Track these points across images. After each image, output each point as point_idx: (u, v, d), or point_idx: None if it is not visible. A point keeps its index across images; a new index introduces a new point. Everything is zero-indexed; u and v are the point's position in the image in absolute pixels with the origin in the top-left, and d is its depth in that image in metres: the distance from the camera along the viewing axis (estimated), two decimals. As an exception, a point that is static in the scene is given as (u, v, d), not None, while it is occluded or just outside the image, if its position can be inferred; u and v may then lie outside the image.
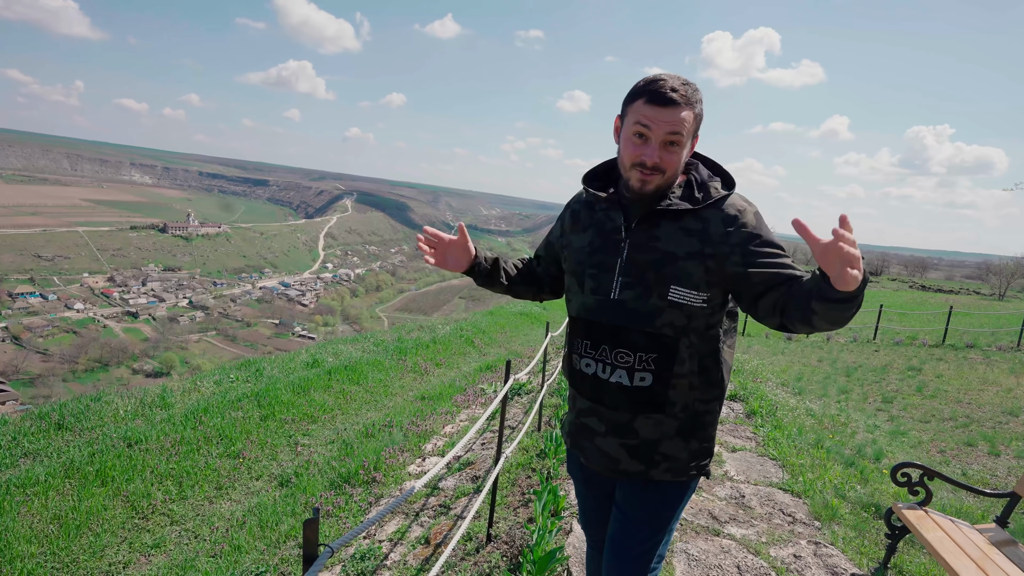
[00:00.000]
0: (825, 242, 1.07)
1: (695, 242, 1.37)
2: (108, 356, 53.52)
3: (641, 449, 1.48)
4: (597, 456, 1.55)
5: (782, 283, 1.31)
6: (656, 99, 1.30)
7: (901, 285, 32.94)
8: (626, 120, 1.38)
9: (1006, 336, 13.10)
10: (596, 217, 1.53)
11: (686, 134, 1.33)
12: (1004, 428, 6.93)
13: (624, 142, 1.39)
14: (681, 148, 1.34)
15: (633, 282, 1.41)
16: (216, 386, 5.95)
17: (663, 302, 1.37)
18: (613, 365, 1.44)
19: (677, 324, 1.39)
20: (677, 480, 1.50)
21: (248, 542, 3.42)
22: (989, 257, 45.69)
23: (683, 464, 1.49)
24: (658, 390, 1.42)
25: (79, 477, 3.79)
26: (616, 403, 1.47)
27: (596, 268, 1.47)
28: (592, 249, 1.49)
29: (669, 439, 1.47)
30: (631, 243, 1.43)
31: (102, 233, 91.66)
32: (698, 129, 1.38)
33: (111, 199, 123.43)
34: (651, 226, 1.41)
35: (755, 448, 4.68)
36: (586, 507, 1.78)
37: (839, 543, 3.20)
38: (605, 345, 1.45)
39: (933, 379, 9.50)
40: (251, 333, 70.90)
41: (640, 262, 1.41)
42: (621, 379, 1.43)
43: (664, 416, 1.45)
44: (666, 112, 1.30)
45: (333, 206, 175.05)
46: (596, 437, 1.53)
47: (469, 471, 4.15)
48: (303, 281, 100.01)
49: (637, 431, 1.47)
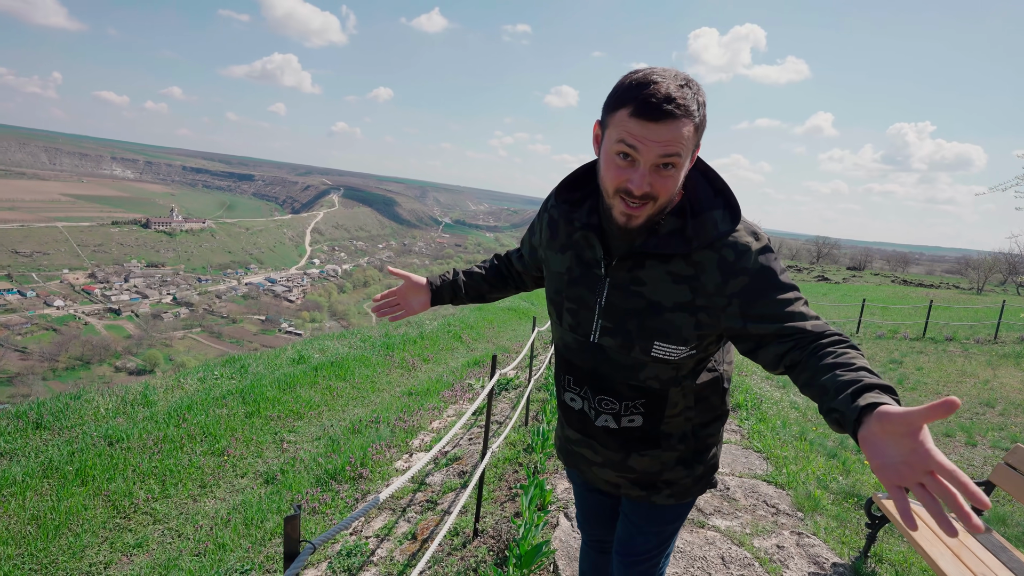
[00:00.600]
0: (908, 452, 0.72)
1: (685, 291, 1.14)
2: (90, 354, 52.71)
3: (643, 478, 1.40)
4: (598, 480, 1.49)
5: (788, 336, 1.07)
6: (645, 112, 0.99)
7: (884, 279, 33.43)
8: (608, 132, 1.06)
9: (984, 329, 13.36)
10: (575, 237, 1.29)
11: (684, 153, 1.03)
12: (981, 419, 7.07)
13: (605, 161, 1.08)
14: (677, 171, 1.05)
15: (614, 329, 1.22)
16: (200, 383, 5.89)
17: (646, 356, 1.20)
18: (598, 410, 1.33)
19: (664, 377, 1.24)
20: (682, 502, 1.44)
21: (233, 540, 3.39)
22: (968, 252, 46.54)
23: (687, 488, 1.41)
24: (651, 430, 1.32)
25: (58, 477, 3.73)
26: (606, 443, 1.37)
27: (575, 303, 1.28)
28: (571, 279, 1.29)
29: (670, 469, 1.38)
30: (611, 283, 1.21)
31: (82, 228, 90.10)
32: (700, 139, 1.08)
33: (91, 194, 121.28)
34: (635, 266, 1.18)
35: (740, 441, 4.73)
36: (586, 509, 1.73)
37: (821, 533, 3.25)
38: (587, 387, 1.32)
39: (914, 372, 9.67)
40: (237, 330, 70.20)
41: (621, 309, 1.20)
42: (608, 423, 1.33)
43: (661, 451, 1.35)
44: (658, 129, 0.99)
45: (320, 201, 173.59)
46: (593, 466, 1.45)
47: (456, 466, 4.14)
48: (289, 277, 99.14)
49: (633, 467, 1.38)
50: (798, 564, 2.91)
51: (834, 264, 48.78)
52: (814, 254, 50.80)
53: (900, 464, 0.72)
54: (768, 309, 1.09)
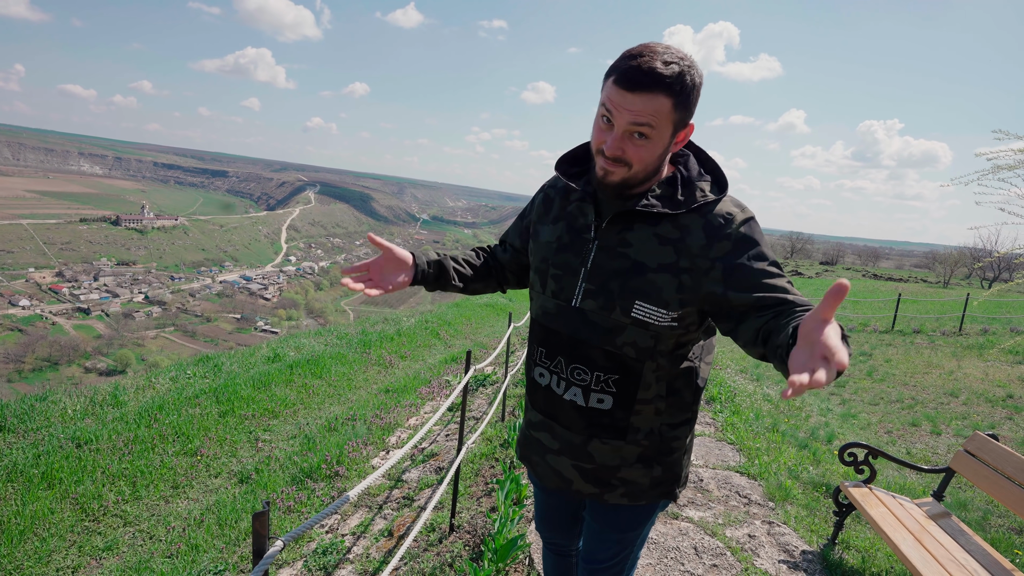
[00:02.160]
0: (815, 324, 0.81)
1: (669, 252, 1.18)
2: (58, 354, 51.19)
3: (597, 473, 1.36)
4: (548, 473, 1.43)
5: (769, 307, 1.08)
6: (623, 82, 1.08)
7: (855, 274, 34.24)
8: (600, 97, 1.17)
9: (949, 322, 13.77)
10: (569, 209, 1.34)
11: (657, 125, 1.10)
12: (945, 408, 7.30)
13: (594, 123, 1.19)
14: (651, 141, 1.13)
15: (596, 290, 1.24)
16: (172, 383, 5.77)
17: (626, 318, 1.21)
18: (568, 381, 1.30)
19: (641, 345, 1.23)
20: (635, 504, 1.39)
21: (206, 541, 3.34)
22: (935, 246, 47.93)
23: (643, 489, 1.36)
24: (619, 415, 1.29)
25: (23, 480, 3.63)
26: (570, 422, 1.33)
27: (560, 269, 1.30)
28: (559, 246, 1.32)
29: (629, 466, 1.34)
30: (599, 245, 1.25)
31: (49, 226, 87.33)
32: (688, 115, 1.14)
33: (58, 190, 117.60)
34: (623, 228, 1.22)
35: (714, 433, 4.81)
36: (543, 511, 1.68)
37: (791, 522, 3.33)
38: (561, 357, 1.30)
39: (883, 363, 9.93)
40: (211, 328, 68.88)
41: (606, 269, 1.23)
42: (575, 397, 1.30)
43: (625, 443, 1.31)
44: (633, 99, 1.07)
45: (296, 198, 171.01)
46: (548, 454, 1.41)
47: (433, 462, 4.14)
48: (265, 274, 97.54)
49: (592, 455, 1.34)
50: (768, 552, 2.98)
51: (807, 259, 49.76)
52: (788, 249, 51.74)
53: (803, 353, 0.81)
54: (749, 277, 1.12)
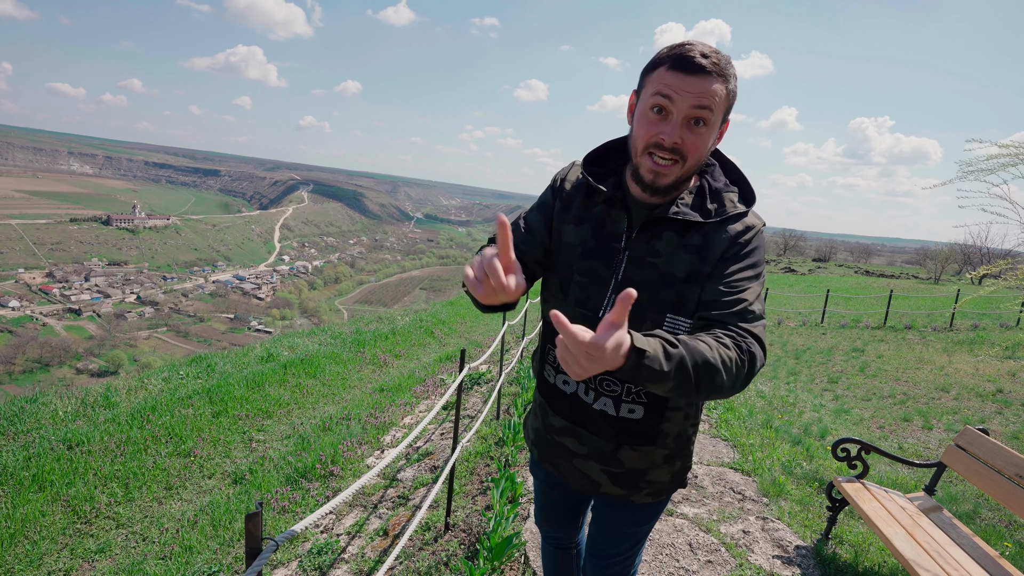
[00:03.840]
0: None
1: (695, 261, 1.17)
2: (49, 356, 50.78)
3: (626, 477, 1.37)
4: (576, 476, 1.42)
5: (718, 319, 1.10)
6: (681, 65, 1.06)
7: (847, 270, 34.42)
8: (644, 92, 1.13)
9: (940, 318, 13.89)
10: (593, 211, 1.28)
11: (715, 110, 1.08)
12: (936, 403, 7.36)
13: (639, 118, 1.14)
14: (708, 129, 1.10)
15: None
16: (165, 383, 5.74)
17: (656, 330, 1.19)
18: (597, 391, 1.29)
19: None
20: (657, 500, 1.44)
21: (200, 542, 3.33)
22: (926, 243, 48.20)
23: (664, 486, 1.41)
24: (650, 423, 1.29)
25: (13, 483, 3.60)
26: (599, 430, 1.33)
27: (586, 277, 1.25)
28: (585, 251, 1.26)
29: (657, 467, 1.36)
30: (630, 256, 1.21)
31: (39, 226, 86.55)
32: (728, 112, 1.14)
33: (48, 190, 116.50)
34: (653, 236, 1.20)
35: (708, 430, 4.82)
36: (546, 506, 1.66)
37: (785, 518, 3.35)
38: None
39: (875, 359, 10.00)
40: (204, 328, 68.51)
41: (636, 280, 1.20)
42: (606, 407, 1.29)
43: (655, 448, 1.33)
44: (693, 80, 1.05)
45: (288, 197, 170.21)
46: (575, 458, 1.40)
47: (428, 461, 4.14)
48: (258, 274, 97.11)
49: (622, 461, 1.34)
50: (763, 548, 2.99)
51: (800, 256, 50.00)
52: (781, 246, 51.94)
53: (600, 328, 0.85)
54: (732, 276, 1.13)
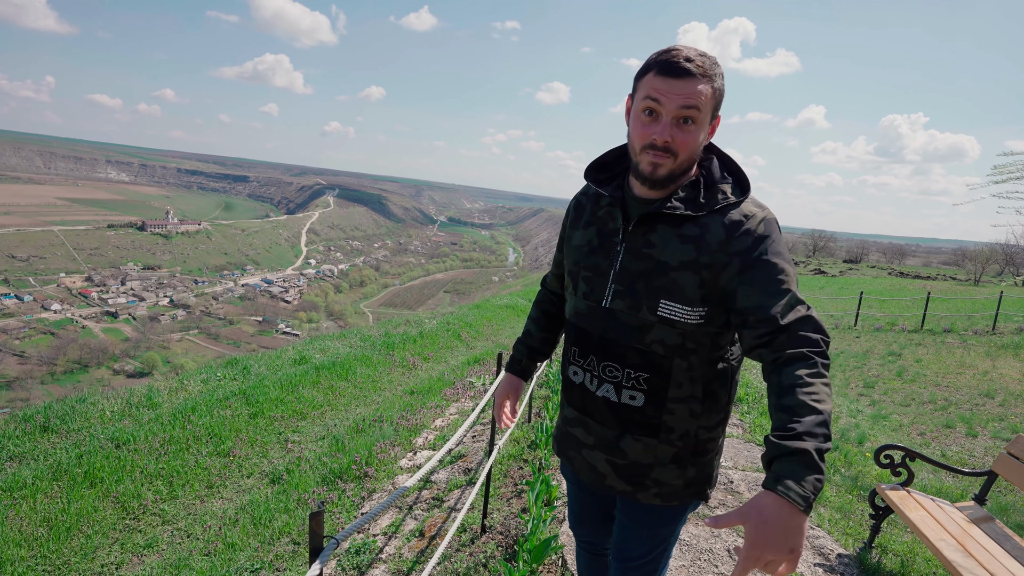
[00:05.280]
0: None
1: (691, 250, 1.22)
2: (87, 357, 52.59)
3: (630, 470, 1.39)
4: (584, 468, 1.48)
5: (766, 321, 1.13)
6: (667, 70, 1.16)
7: (880, 272, 33.53)
8: (636, 97, 1.23)
9: (981, 320, 13.43)
10: (599, 214, 1.39)
11: (702, 109, 1.18)
12: (981, 410, 7.13)
13: (633, 121, 1.25)
14: (697, 127, 1.19)
15: (624, 291, 1.29)
16: (203, 385, 5.90)
17: (652, 316, 1.26)
18: (600, 378, 1.35)
19: (668, 343, 1.26)
20: (668, 504, 1.41)
21: (242, 540, 3.41)
22: (964, 243, 46.72)
23: (675, 490, 1.38)
24: (651, 412, 1.32)
25: (67, 479, 3.75)
26: (603, 418, 1.38)
27: (590, 271, 1.36)
28: (589, 249, 1.38)
29: (663, 466, 1.36)
30: (626, 248, 1.31)
31: (78, 232, 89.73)
32: (717, 109, 1.23)
33: (87, 197, 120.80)
34: (648, 230, 1.28)
35: (742, 435, 4.76)
36: (577, 509, 1.71)
37: (825, 525, 3.29)
38: (593, 355, 1.36)
39: (912, 364, 9.73)
40: (234, 331, 70.07)
41: (632, 270, 1.29)
42: (608, 394, 1.35)
43: (659, 442, 1.34)
44: (679, 84, 1.15)
45: (315, 201, 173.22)
46: (583, 449, 1.45)
47: (461, 463, 4.17)
48: (286, 277, 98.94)
49: (625, 451, 1.37)
50: (804, 555, 2.94)
51: (830, 257, 48.92)
52: (810, 247, 50.91)
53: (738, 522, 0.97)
54: (762, 277, 1.16)
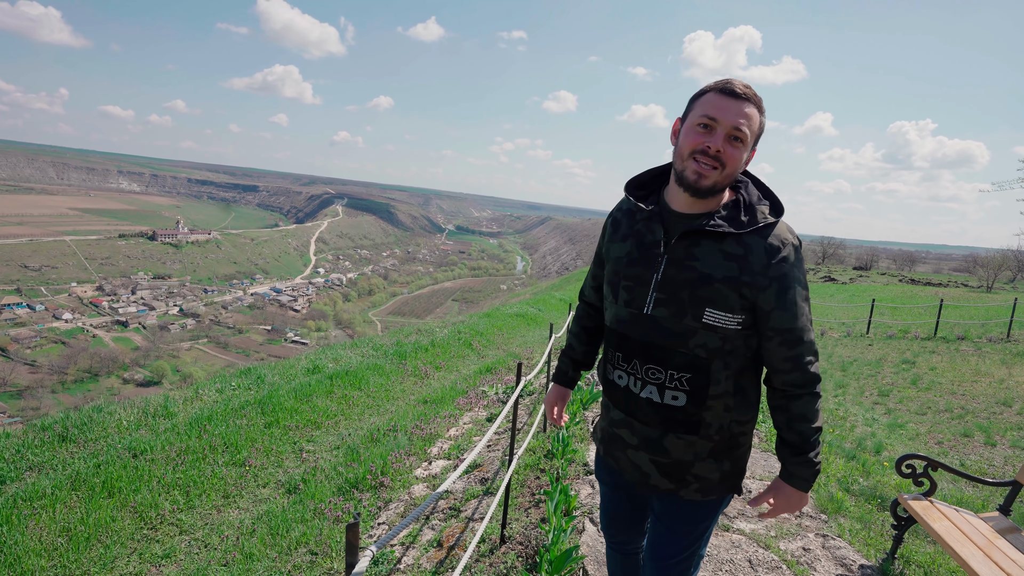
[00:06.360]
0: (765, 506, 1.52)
1: (734, 267, 1.34)
2: (98, 366, 52.96)
3: (672, 468, 1.47)
4: (629, 468, 1.55)
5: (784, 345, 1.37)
6: (727, 91, 1.32)
7: (891, 279, 33.25)
8: (690, 114, 1.37)
9: (996, 327, 13.28)
10: (636, 228, 1.50)
11: (750, 133, 1.33)
12: (999, 418, 7.03)
13: (685, 133, 1.37)
14: (744, 147, 1.34)
15: (667, 299, 1.39)
16: (218, 394, 5.93)
17: (697, 323, 1.36)
18: (644, 380, 1.44)
19: (711, 346, 1.37)
20: (707, 499, 1.50)
21: (259, 550, 3.42)
22: (975, 249, 46.24)
23: (713, 484, 1.49)
24: (692, 411, 1.41)
25: (86, 489, 3.77)
26: (647, 419, 1.46)
27: (632, 280, 1.45)
28: (629, 260, 1.48)
29: (702, 461, 1.46)
30: (668, 259, 1.41)
31: (90, 242, 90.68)
32: (757, 140, 1.37)
33: (99, 207, 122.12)
34: (692, 244, 1.38)
35: (759, 444, 4.72)
36: (612, 511, 1.77)
37: (846, 535, 3.25)
38: (636, 359, 1.44)
39: (927, 372, 9.62)
40: (243, 340, 70.39)
41: (676, 280, 1.38)
42: (651, 395, 1.43)
43: (698, 438, 1.43)
44: (735, 104, 1.31)
45: (323, 211, 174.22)
46: (628, 449, 1.53)
47: (477, 473, 4.16)
48: (295, 286, 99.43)
49: (668, 450, 1.46)
50: (825, 566, 2.91)
51: (840, 264, 48.56)
52: (820, 255, 50.55)
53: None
54: (794, 303, 1.36)
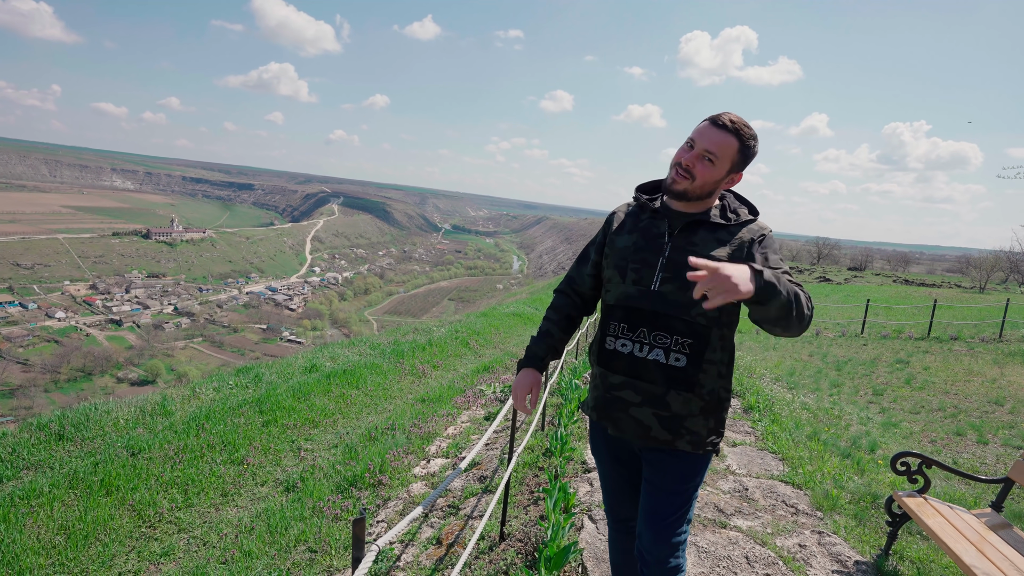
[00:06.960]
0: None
1: (726, 249, 1.66)
2: (91, 365, 52.64)
3: (671, 421, 1.69)
4: (630, 425, 1.74)
5: None
6: (713, 121, 1.62)
7: (885, 279, 33.44)
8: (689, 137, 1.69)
9: (988, 328, 13.40)
10: (641, 224, 1.79)
11: (722, 157, 1.61)
12: (991, 417, 7.11)
13: (679, 148, 1.70)
14: (713, 166, 1.62)
15: (672, 277, 1.65)
16: (216, 393, 5.93)
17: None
18: (651, 345, 1.67)
19: (710, 315, 1.64)
20: (695, 452, 1.72)
21: (258, 548, 3.42)
22: (968, 250, 46.56)
23: (702, 439, 1.72)
24: (691, 372, 1.65)
25: (84, 487, 3.77)
26: (653, 378, 1.68)
27: (639, 263, 1.71)
28: (636, 248, 1.74)
29: (694, 416, 1.69)
30: (672, 246, 1.69)
31: (83, 240, 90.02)
32: (743, 166, 1.66)
33: (92, 205, 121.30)
34: (691, 233, 1.69)
35: (754, 442, 4.76)
36: (611, 486, 1.97)
37: (841, 532, 3.29)
38: (644, 328, 1.68)
39: (921, 371, 9.70)
40: (238, 339, 70.12)
41: (679, 261, 1.64)
42: (658, 357, 1.66)
43: (693, 395, 1.66)
44: (714, 132, 1.61)
45: (319, 209, 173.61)
46: (631, 407, 1.72)
47: (476, 471, 4.18)
48: (290, 285, 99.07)
49: (669, 404, 1.68)
50: (821, 563, 2.94)
51: (835, 265, 48.79)
52: (815, 255, 50.80)
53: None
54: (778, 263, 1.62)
